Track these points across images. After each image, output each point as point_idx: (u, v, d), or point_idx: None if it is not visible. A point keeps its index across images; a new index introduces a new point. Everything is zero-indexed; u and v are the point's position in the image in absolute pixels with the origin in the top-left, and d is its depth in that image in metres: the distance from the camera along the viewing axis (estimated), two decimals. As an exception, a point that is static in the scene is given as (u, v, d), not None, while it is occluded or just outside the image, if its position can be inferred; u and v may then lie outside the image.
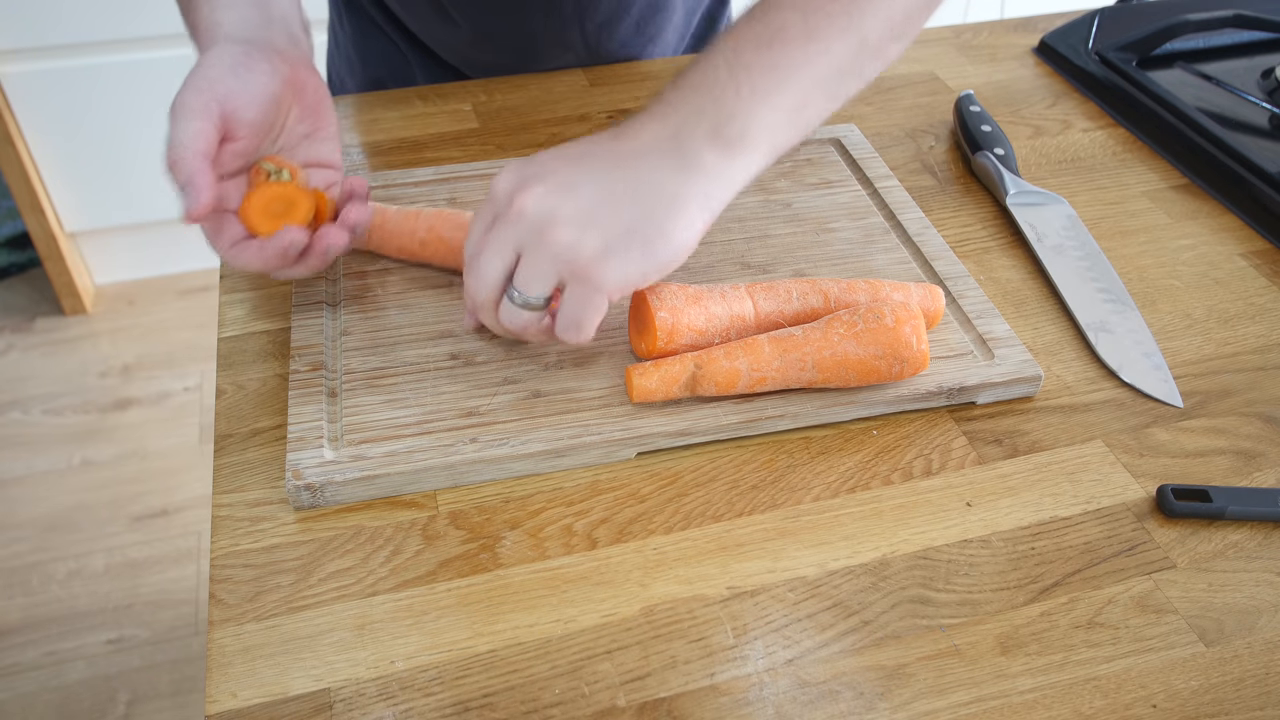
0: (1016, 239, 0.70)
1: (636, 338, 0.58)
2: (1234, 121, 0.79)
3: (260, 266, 0.54)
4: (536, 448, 0.53)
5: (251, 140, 0.54)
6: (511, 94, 0.84)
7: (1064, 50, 0.89)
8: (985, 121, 0.77)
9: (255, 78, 0.53)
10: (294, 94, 0.56)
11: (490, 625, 0.47)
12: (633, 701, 0.44)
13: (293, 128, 0.57)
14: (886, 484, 0.54)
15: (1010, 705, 0.45)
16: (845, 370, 0.54)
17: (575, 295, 0.48)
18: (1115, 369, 0.60)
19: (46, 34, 1.61)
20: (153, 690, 1.33)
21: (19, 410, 1.70)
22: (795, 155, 0.75)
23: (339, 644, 0.46)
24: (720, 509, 0.52)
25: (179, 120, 0.51)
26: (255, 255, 0.54)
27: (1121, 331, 0.62)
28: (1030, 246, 0.69)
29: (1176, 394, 0.59)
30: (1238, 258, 0.69)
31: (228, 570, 0.49)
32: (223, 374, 0.59)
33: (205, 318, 1.88)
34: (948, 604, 0.48)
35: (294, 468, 0.51)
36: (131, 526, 1.52)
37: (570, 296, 0.49)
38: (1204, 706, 0.45)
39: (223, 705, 0.44)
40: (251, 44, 0.54)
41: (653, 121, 0.49)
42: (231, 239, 0.54)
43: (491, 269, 0.49)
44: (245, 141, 0.54)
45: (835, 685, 0.45)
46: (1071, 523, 0.52)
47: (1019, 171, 0.73)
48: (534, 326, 0.51)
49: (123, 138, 1.74)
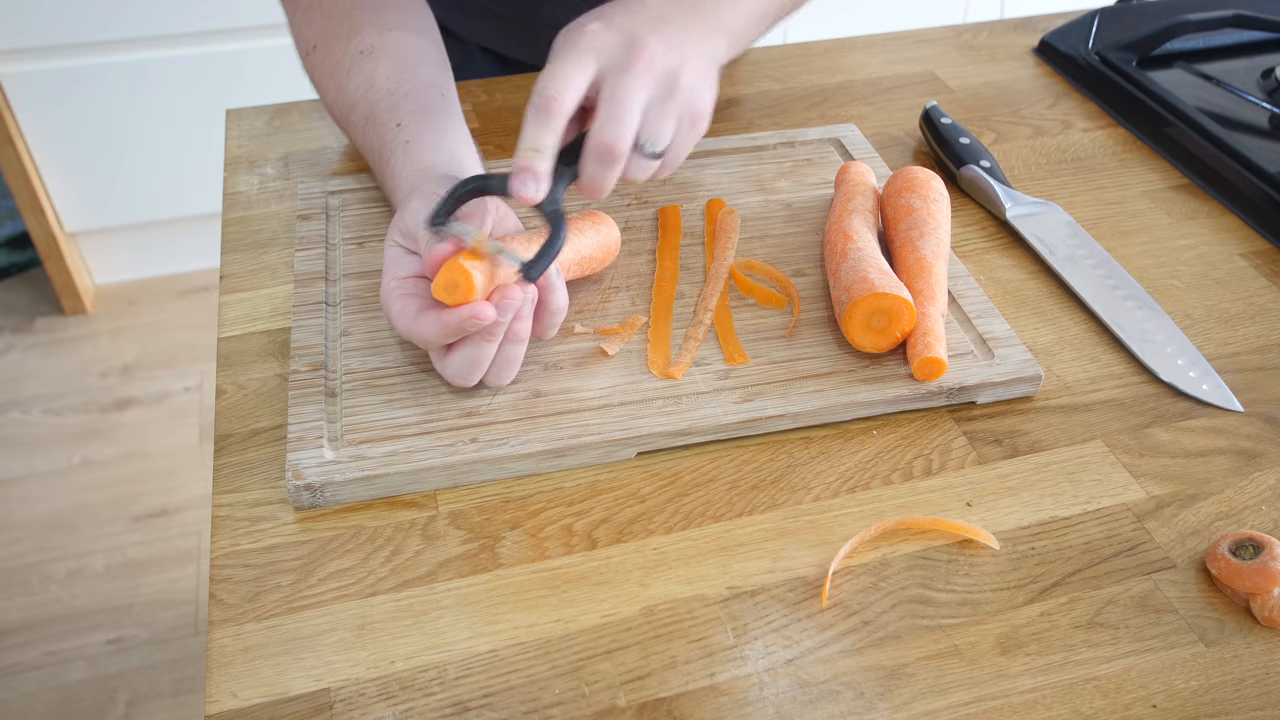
0: (1016, 239, 0.70)
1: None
2: (1234, 121, 0.79)
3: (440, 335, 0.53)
4: (536, 448, 0.53)
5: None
6: (512, 94, 0.84)
7: (1064, 50, 0.89)
8: (961, 134, 0.76)
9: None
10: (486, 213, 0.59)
11: (490, 625, 0.47)
12: (633, 701, 0.44)
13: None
14: (886, 484, 0.54)
15: (1010, 705, 0.45)
16: None
17: (687, 136, 0.56)
18: (1172, 381, 0.59)
19: (46, 34, 1.61)
20: (153, 690, 1.33)
21: (19, 410, 1.70)
22: (795, 155, 0.75)
23: (339, 644, 0.46)
24: (720, 509, 0.52)
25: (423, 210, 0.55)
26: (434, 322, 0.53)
27: (1161, 339, 0.62)
28: (1030, 247, 0.69)
29: (1233, 398, 0.59)
30: (1238, 258, 0.69)
31: (228, 570, 0.49)
32: (223, 374, 0.59)
33: (205, 318, 1.88)
34: (948, 604, 0.48)
35: (294, 468, 0.51)
36: (131, 526, 1.52)
37: (682, 138, 0.56)
38: (1204, 706, 0.45)
39: (223, 705, 0.44)
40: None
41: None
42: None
43: (633, 118, 0.52)
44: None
45: (835, 685, 0.45)
46: (1071, 523, 0.52)
47: (1007, 180, 0.73)
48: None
49: (123, 138, 1.74)
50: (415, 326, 0.53)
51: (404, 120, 0.62)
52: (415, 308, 0.53)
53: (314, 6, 0.68)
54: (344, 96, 0.66)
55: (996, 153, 0.79)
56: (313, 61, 0.68)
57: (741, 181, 0.73)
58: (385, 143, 0.62)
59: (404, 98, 0.63)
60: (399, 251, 0.56)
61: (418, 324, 0.52)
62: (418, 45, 0.67)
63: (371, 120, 0.64)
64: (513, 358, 0.54)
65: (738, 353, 0.59)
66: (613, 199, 0.71)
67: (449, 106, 0.64)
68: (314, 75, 0.69)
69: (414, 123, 0.62)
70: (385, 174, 0.63)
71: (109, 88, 1.69)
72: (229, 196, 0.73)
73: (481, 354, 0.53)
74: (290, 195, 0.73)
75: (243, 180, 0.74)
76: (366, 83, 0.64)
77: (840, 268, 0.60)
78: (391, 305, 0.54)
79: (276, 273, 0.66)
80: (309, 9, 0.68)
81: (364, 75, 0.65)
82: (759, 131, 0.80)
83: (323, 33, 0.67)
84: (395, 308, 0.53)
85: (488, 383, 0.55)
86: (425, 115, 0.62)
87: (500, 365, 0.54)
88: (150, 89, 1.70)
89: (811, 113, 0.83)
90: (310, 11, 0.68)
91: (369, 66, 0.65)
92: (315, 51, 0.68)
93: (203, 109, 1.72)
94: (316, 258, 0.64)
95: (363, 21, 0.66)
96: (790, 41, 0.93)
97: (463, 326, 0.51)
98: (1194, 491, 0.54)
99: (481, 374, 0.54)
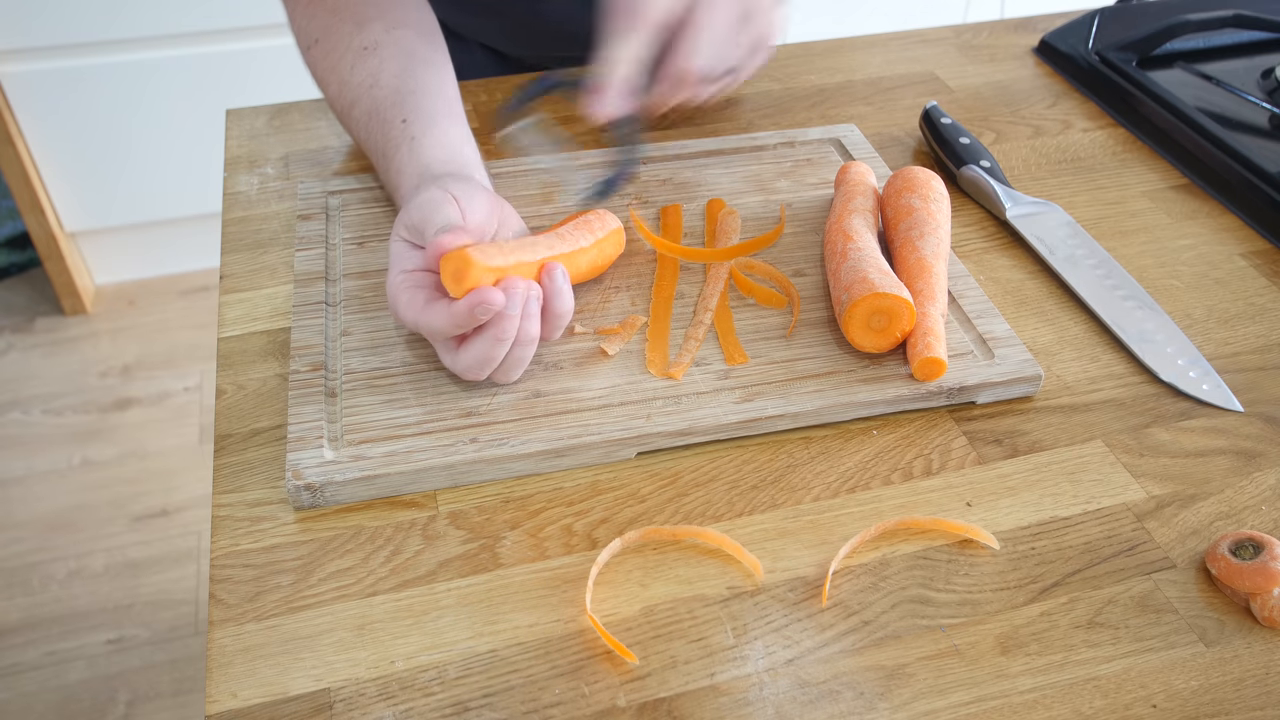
0: (1016, 239, 0.70)
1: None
2: (1234, 121, 0.79)
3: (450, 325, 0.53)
4: (536, 448, 0.53)
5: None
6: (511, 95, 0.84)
7: (1064, 50, 0.89)
8: (961, 134, 0.76)
9: (483, 195, 0.57)
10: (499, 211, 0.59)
11: (490, 625, 0.47)
12: (633, 701, 0.44)
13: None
14: (886, 484, 0.54)
15: (1010, 705, 0.45)
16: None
17: (753, 61, 0.61)
18: (1172, 381, 0.59)
19: (46, 34, 1.61)
20: (153, 690, 1.33)
21: (19, 410, 1.70)
22: (795, 155, 0.75)
23: (339, 644, 0.46)
24: (720, 509, 0.52)
25: (433, 203, 0.55)
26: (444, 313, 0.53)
27: (1161, 339, 0.62)
28: (1030, 247, 0.69)
29: (1233, 398, 0.59)
30: (1238, 258, 0.69)
31: (228, 570, 0.49)
32: (223, 374, 0.59)
33: (205, 318, 1.88)
34: (948, 604, 0.48)
35: (294, 468, 0.51)
36: (131, 526, 1.52)
37: (749, 62, 0.61)
38: (1204, 706, 0.45)
39: (223, 705, 0.44)
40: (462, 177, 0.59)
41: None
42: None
43: (716, 44, 0.56)
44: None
45: (835, 685, 0.45)
46: (1071, 523, 0.52)
47: (1007, 179, 0.73)
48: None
49: (123, 138, 1.74)
50: (424, 317, 0.52)
51: (409, 117, 0.62)
52: (423, 299, 0.53)
53: (316, 1, 0.68)
54: (346, 91, 0.66)
55: (996, 153, 0.79)
56: (314, 56, 0.68)
57: (741, 181, 0.73)
58: (390, 139, 0.62)
59: (408, 95, 0.63)
60: (404, 246, 0.56)
61: (426, 314, 0.52)
62: (422, 44, 0.67)
63: (375, 116, 0.63)
64: (521, 358, 0.54)
65: (738, 353, 0.59)
66: (613, 199, 0.71)
67: (452, 106, 0.64)
68: (315, 69, 0.69)
69: (419, 120, 0.62)
70: (389, 170, 0.63)
71: (109, 88, 1.69)
72: (229, 196, 0.73)
73: (493, 353, 0.53)
74: (290, 195, 0.73)
75: (243, 180, 0.74)
76: (370, 78, 0.64)
77: (840, 267, 0.60)
78: (399, 297, 0.54)
79: (276, 273, 0.66)
80: (310, 3, 0.68)
81: (368, 71, 0.65)
82: (759, 131, 0.80)
83: (325, 28, 0.67)
84: (403, 299, 0.53)
85: (495, 379, 0.55)
86: (430, 113, 0.62)
87: (509, 365, 0.54)
88: (151, 89, 1.70)
89: (811, 113, 0.83)
90: (312, 6, 0.68)
91: (373, 63, 0.65)
92: (317, 45, 0.68)
93: (203, 109, 1.72)
94: (316, 258, 0.64)
95: (367, 17, 0.66)
96: (790, 41, 0.93)
97: (472, 314, 0.51)
98: (1194, 491, 0.54)
99: (492, 370, 0.54)
